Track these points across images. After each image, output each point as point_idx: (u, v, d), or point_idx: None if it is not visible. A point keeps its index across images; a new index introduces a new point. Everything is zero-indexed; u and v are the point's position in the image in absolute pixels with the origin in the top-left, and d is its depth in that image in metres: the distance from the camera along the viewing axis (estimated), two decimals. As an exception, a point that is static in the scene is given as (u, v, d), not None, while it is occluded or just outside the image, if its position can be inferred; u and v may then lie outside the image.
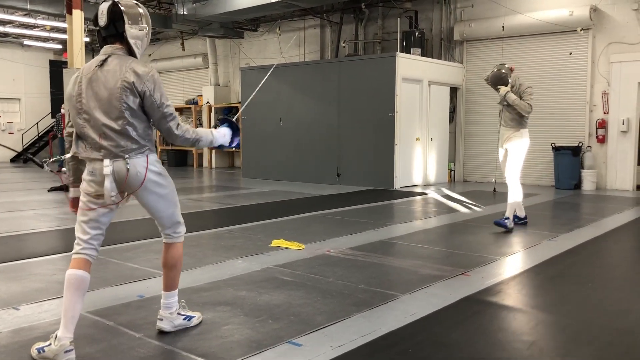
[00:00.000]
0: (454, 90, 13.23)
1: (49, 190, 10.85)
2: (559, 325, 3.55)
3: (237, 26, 16.46)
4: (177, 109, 19.06)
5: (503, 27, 11.81)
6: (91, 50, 21.26)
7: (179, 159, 18.56)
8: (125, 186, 3.03)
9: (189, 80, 19.47)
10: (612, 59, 11.23)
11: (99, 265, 5.02)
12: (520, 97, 6.70)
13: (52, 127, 17.28)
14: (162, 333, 3.31)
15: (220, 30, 15.81)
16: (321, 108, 12.59)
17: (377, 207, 8.84)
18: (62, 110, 12.64)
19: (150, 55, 20.11)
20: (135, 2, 3.09)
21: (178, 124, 3.08)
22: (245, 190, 11.31)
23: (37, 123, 21.50)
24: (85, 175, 3.06)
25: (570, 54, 11.71)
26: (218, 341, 3.22)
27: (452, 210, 8.57)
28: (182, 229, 3.32)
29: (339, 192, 10.87)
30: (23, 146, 21.16)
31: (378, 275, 4.66)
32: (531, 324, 3.61)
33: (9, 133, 21.32)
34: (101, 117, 2.96)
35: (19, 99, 21.66)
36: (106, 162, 2.96)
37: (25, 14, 16.17)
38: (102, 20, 2.99)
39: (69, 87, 3.12)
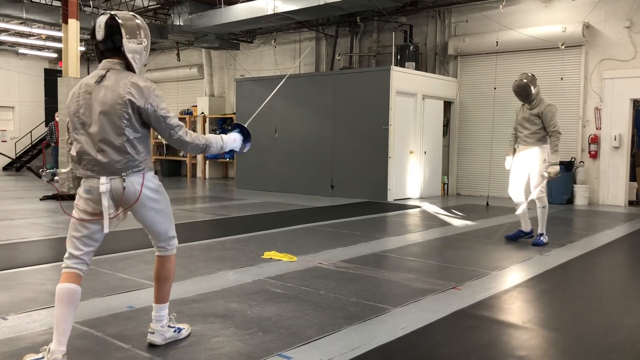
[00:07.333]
0: (447, 104, 13.30)
1: (41, 199, 10.80)
2: (550, 341, 3.55)
3: (232, 37, 16.52)
4: (171, 119, 19.05)
5: (497, 42, 11.90)
6: (87, 59, 21.30)
7: (172, 169, 18.53)
8: (122, 202, 3.00)
9: (184, 90, 19.49)
10: (604, 75, 11.33)
11: (90, 275, 4.99)
12: (540, 118, 6.48)
13: (46, 135, 17.26)
14: (152, 346, 3.28)
15: (215, 41, 15.87)
16: (316, 120, 12.63)
17: (370, 220, 8.84)
18: (56, 119, 12.61)
19: (145, 65, 20.08)
20: (133, 14, 3.04)
21: (187, 132, 3.05)
22: (238, 201, 11.29)
23: (30, 131, 21.46)
24: (81, 193, 3.00)
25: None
26: (207, 353, 3.20)
27: (444, 223, 8.58)
28: (176, 241, 3.31)
29: (332, 204, 10.87)
30: (16, 154, 21.09)
31: (369, 288, 4.66)
32: (522, 339, 3.60)
33: (2, 141, 21.25)
34: (100, 133, 2.91)
35: (12, 107, 21.62)
36: (103, 179, 2.93)
37: (21, 23, 16.18)
38: (100, 34, 2.95)
39: (67, 102, 3.08)
